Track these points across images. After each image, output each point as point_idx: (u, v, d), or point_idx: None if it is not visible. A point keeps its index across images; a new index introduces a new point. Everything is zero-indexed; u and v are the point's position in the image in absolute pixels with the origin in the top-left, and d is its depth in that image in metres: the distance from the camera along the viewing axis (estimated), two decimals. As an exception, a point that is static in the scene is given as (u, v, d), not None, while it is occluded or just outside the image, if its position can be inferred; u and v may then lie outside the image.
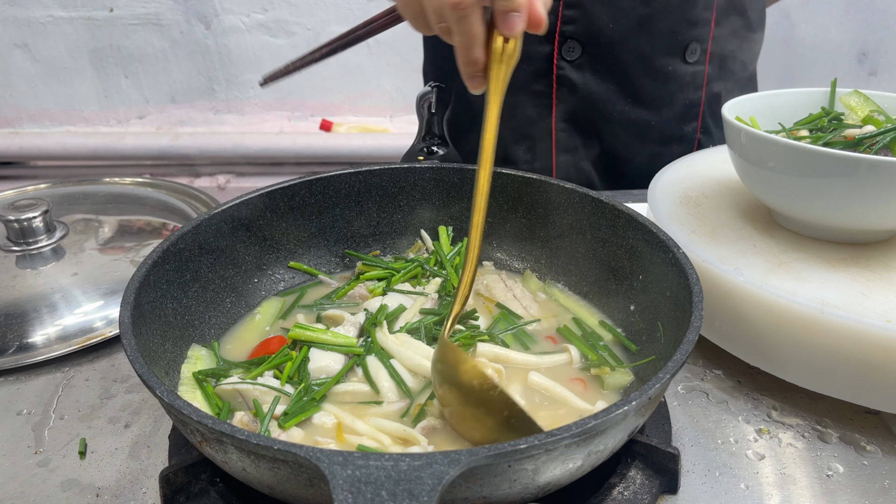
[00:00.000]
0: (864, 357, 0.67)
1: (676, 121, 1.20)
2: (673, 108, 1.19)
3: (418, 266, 0.85)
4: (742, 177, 0.85)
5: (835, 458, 0.67)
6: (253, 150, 2.65)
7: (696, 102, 1.20)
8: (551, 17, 1.11)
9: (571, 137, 1.19)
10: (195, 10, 2.59)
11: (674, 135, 1.21)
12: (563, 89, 1.15)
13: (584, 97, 1.15)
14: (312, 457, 0.46)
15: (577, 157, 1.21)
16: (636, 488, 0.62)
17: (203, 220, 0.77)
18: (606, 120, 1.18)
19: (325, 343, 0.71)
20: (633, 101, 1.16)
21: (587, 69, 1.13)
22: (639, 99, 1.16)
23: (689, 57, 1.14)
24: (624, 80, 1.15)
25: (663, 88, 1.16)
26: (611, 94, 1.15)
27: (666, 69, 1.15)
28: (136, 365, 0.54)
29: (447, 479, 0.44)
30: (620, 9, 1.09)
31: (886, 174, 0.71)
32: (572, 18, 1.10)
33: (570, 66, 1.13)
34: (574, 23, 1.10)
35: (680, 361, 0.55)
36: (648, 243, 0.74)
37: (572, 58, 1.12)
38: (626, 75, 1.14)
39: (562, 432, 0.48)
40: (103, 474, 0.67)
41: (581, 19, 1.10)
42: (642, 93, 1.16)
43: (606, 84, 1.14)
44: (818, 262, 0.77)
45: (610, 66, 1.13)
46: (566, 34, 1.11)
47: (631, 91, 1.16)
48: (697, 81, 1.18)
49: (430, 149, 0.97)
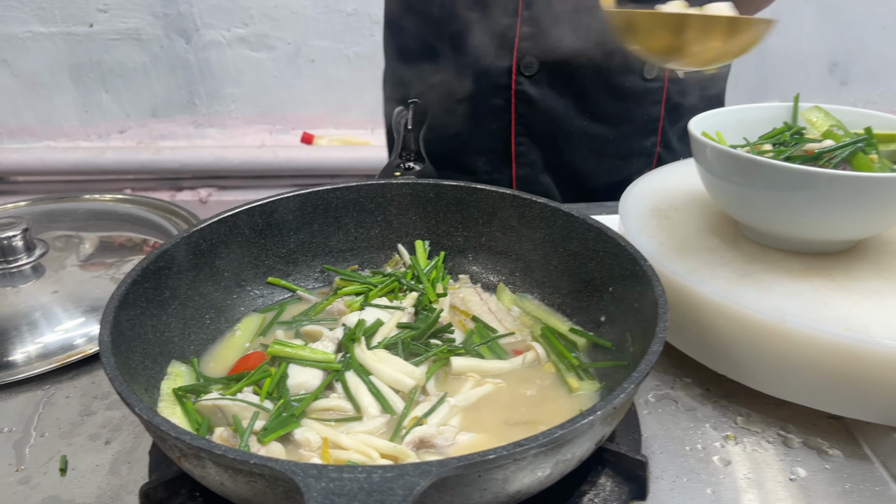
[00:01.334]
0: (825, 364, 0.70)
1: (635, 136, 1.23)
2: (631, 123, 1.21)
3: (395, 280, 0.86)
4: (709, 190, 0.88)
5: (798, 463, 0.69)
6: (234, 164, 2.66)
7: (655, 118, 1.22)
8: (509, 32, 1.14)
9: (530, 151, 1.22)
10: (175, 24, 2.60)
11: (633, 149, 1.24)
12: (521, 104, 1.17)
13: (543, 112, 1.18)
14: (288, 470, 0.47)
15: (536, 170, 1.23)
16: (606, 495, 0.64)
17: (182, 239, 0.78)
18: (565, 134, 1.20)
19: (304, 359, 0.73)
20: (590, 117, 1.19)
21: (545, 84, 1.16)
22: (597, 114, 1.19)
23: (646, 73, 1.17)
24: (581, 96, 1.17)
25: (621, 104, 1.19)
26: (569, 109, 1.18)
27: (623, 85, 1.17)
28: (115, 383, 0.56)
29: (418, 490, 0.46)
30: (577, 26, 1.12)
31: (844, 187, 0.74)
32: (530, 34, 1.13)
33: (528, 81, 1.16)
34: (532, 39, 1.13)
35: (644, 372, 0.57)
36: (617, 256, 0.76)
37: (530, 73, 1.15)
38: (583, 91, 1.17)
39: (529, 442, 0.50)
40: (84, 490, 0.68)
41: (538, 35, 1.13)
42: (600, 108, 1.19)
43: (564, 99, 1.17)
44: (782, 272, 0.79)
45: (567, 82, 1.16)
46: (524, 50, 1.14)
47: (589, 106, 1.19)
48: (656, 97, 1.21)
49: (407, 164, 0.99)
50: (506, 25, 1.15)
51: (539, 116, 1.21)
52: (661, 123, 1.26)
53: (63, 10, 2.61)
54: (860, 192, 0.74)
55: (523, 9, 1.13)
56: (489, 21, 1.16)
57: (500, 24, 1.15)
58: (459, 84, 1.21)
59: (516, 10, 1.13)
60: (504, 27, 1.15)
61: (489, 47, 1.17)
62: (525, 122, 1.21)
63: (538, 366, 0.76)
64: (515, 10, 1.13)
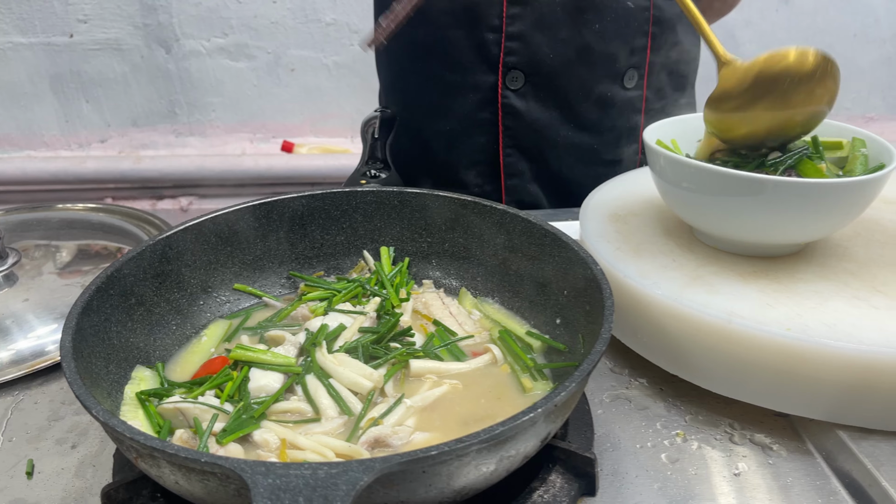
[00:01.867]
0: (769, 363, 0.73)
1: (618, 144, 1.26)
2: (614, 131, 1.25)
3: (359, 286, 0.88)
4: (663, 196, 0.91)
5: (743, 459, 0.72)
6: (215, 172, 2.67)
7: (636, 126, 1.26)
8: (494, 48, 1.18)
9: (518, 162, 1.25)
10: (155, 35, 2.61)
11: (616, 157, 1.27)
12: (508, 117, 1.20)
13: (529, 124, 1.21)
14: (236, 468, 0.49)
15: (525, 180, 1.26)
16: (556, 491, 0.66)
17: (147, 247, 0.80)
18: (551, 145, 1.23)
19: (265, 363, 0.74)
20: (575, 127, 1.22)
21: (531, 97, 1.19)
22: (581, 124, 1.22)
23: (627, 83, 1.21)
24: (566, 107, 1.20)
25: (604, 114, 1.22)
26: (554, 120, 1.21)
27: (605, 95, 1.21)
28: (73, 386, 0.57)
29: (361, 485, 0.48)
30: (560, 40, 1.15)
31: (790, 193, 0.77)
32: (515, 50, 1.16)
33: (514, 94, 1.19)
34: (516, 54, 1.16)
35: (586, 371, 0.59)
36: (571, 261, 0.78)
37: (516, 87, 1.18)
38: (567, 102, 1.20)
39: (470, 439, 0.52)
40: (49, 493, 0.69)
41: (523, 51, 1.16)
42: (584, 118, 1.22)
43: (549, 111, 1.20)
44: (731, 275, 0.82)
45: (552, 94, 1.19)
46: (509, 64, 1.17)
47: (573, 117, 1.22)
48: (636, 106, 1.24)
49: (373, 172, 1.01)
50: (491, 41, 1.18)
51: (526, 128, 1.24)
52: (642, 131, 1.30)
53: (43, 21, 2.62)
54: (805, 197, 0.77)
55: (507, 25, 1.16)
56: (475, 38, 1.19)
57: (485, 40, 1.18)
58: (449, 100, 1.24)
59: (500, 27, 1.17)
60: (489, 43, 1.18)
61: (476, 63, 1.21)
62: (512, 134, 1.24)
63: (495, 367, 0.78)
64: (500, 27, 1.17)
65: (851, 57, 2.73)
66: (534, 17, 1.13)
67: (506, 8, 1.13)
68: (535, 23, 1.13)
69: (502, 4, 1.13)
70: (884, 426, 0.72)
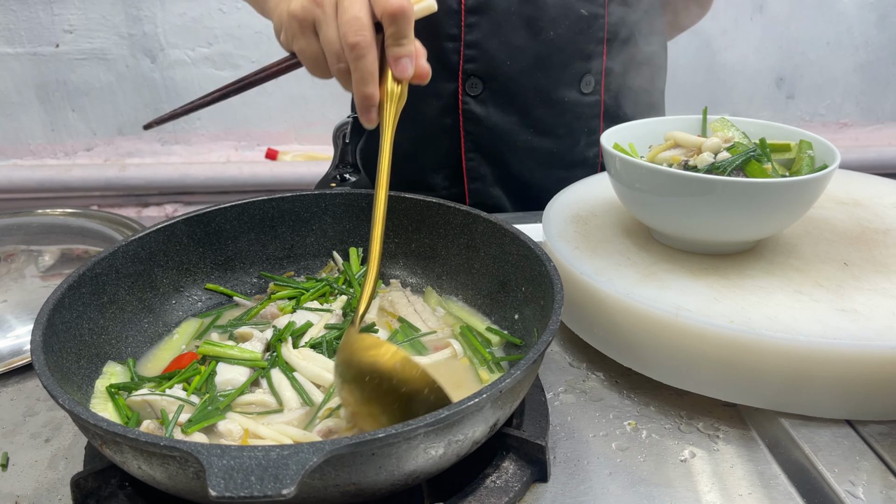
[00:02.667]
0: (716, 355, 0.76)
1: (578, 148, 1.30)
2: (573, 136, 1.28)
3: (327, 285, 0.91)
4: (619, 197, 0.94)
5: (690, 445, 0.75)
6: (199, 180, 2.70)
7: (594, 130, 1.29)
8: (454, 56, 1.21)
9: (480, 166, 1.28)
10: (141, 44, 2.65)
11: (576, 160, 1.31)
12: (469, 122, 1.24)
13: (489, 129, 1.25)
14: (193, 450, 0.52)
15: (487, 183, 1.30)
16: (508, 477, 0.69)
17: (120, 247, 0.83)
18: (511, 149, 1.27)
19: (232, 358, 0.77)
20: (534, 131, 1.26)
21: (490, 103, 1.23)
22: (540, 129, 1.26)
23: (584, 88, 1.24)
24: (524, 112, 1.24)
25: (562, 118, 1.26)
26: (513, 125, 1.25)
27: (563, 100, 1.24)
28: (42, 378, 0.60)
29: (310, 466, 0.51)
30: (516, 47, 1.19)
31: (737, 192, 0.81)
32: (473, 57, 1.20)
33: (474, 100, 1.23)
34: (475, 61, 1.20)
35: (531, 359, 0.63)
36: (527, 258, 0.82)
37: (475, 93, 1.22)
38: (526, 107, 1.24)
39: (417, 422, 0.55)
40: (23, 484, 0.72)
41: (481, 58, 1.20)
42: (542, 123, 1.26)
43: (509, 116, 1.24)
44: (682, 271, 0.86)
45: (510, 100, 1.23)
46: (468, 71, 1.21)
47: (532, 122, 1.25)
48: (594, 110, 1.28)
49: (343, 175, 1.04)
50: (450, 49, 1.21)
51: (486, 133, 1.27)
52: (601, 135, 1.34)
53: (29, 31, 2.64)
54: (751, 196, 0.81)
55: (466, 34, 1.20)
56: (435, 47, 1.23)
57: (445, 48, 1.22)
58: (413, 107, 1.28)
59: (459, 36, 1.20)
60: (449, 51, 1.22)
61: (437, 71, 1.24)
62: (474, 139, 1.28)
63: (455, 360, 0.81)
64: (458, 36, 1.20)
65: (825, 64, 2.79)
66: (490, 25, 1.17)
67: (464, 17, 1.17)
68: (492, 31, 1.17)
69: (460, 14, 1.17)
70: (822, 414, 0.75)
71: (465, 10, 1.18)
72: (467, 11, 1.18)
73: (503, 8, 1.18)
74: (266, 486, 0.49)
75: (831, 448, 0.72)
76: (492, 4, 1.18)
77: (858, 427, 0.75)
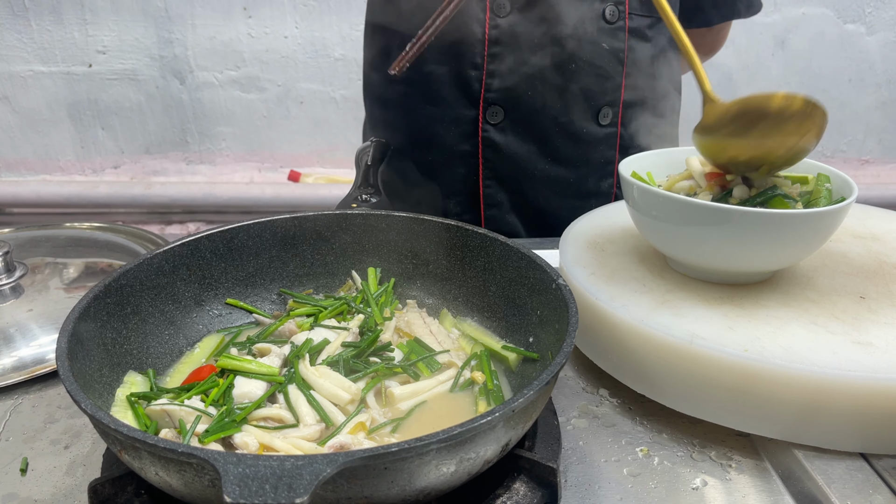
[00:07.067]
0: (729, 384, 0.76)
1: (593, 178, 1.32)
2: (589, 166, 1.30)
3: (344, 304, 0.93)
4: (636, 225, 0.95)
5: (703, 474, 0.75)
6: (222, 200, 2.75)
7: (610, 160, 1.31)
8: (475, 84, 1.24)
9: (497, 193, 1.30)
10: (171, 66, 2.71)
11: (591, 190, 1.32)
12: (488, 150, 1.26)
13: (508, 157, 1.27)
14: (210, 458, 0.53)
15: (503, 210, 1.31)
16: (519, 498, 0.69)
17: (145, 259, 0.85)
18: (528, 177, 1.29)
19: (250, 371, 0.79)
20: (552, 160, 1.28)
21: (510, 132, 1.25)
22: (557, 158, 1.28)
23: (601, 120, 1.26)
24: (543, 142, 1.26)
25: (579, 149, 1.28)
26: (531, 154, 1.27)
27: (581, 132, 1.26)
28: (66, 382, 0.62)
29: (324, 476, 0.52)
30: (537, 78, 1.21)
31: (754, 222, 0.81)
32: (495, 86, 1.23)
33: (493, 128, 1.25)
34: (496, 90, 1.23)
35: (545, 380, 0.63)
36: (543, 282, 0.82)
37: (496, 121, 1.24)
38: (544, 137, 1.26)
39: (430, 438, 0.56)
40: (41, 489, 0.73)
41: (502, 87, 1.22)
42: (560, 153, 1.27)
43: (527, 145, 1.26)
44: (697, 300, 0.86)
45: (530, 129, 1.25)
46: (490, 100, 1.23)
47: (550, 151, 1.27)
48: (611, 142, 1.30)
49: (364, 197, 1.06)
50: (473, 78, 1.24)
51: (504, 161, 1.29)
52: (616, 166, 1.35)
53: (63, 51, 2.72)
54: (768, 226, 0.81)
55: (488, 63, 1.23)
56: (458, 75, 1.26)
57: (468, 77, 1.24)
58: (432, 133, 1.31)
59: (482, 65, 1.23)
60: (471, 79, 1.24)
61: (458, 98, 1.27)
62: (492, 166, 1.30)
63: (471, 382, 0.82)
64: (482, 65, 1.23)
65: (847, 101, 2.79)
66: (513, 56, 1.19)
67: (487, 47, 1.19)
68: (515, 62, 1.20)
69: (484, 44, 1.19)
70: (836, 446, 0.75)
71: (488, 41, 1.21)
72: (491, 42, 1.21)
73: (527, 40, 1.21)
74: (280, 495, 0.50)
75: (844, 481, 0.72)
76: (516, 36, 1.21)
77: (872, 460, 0.74)
